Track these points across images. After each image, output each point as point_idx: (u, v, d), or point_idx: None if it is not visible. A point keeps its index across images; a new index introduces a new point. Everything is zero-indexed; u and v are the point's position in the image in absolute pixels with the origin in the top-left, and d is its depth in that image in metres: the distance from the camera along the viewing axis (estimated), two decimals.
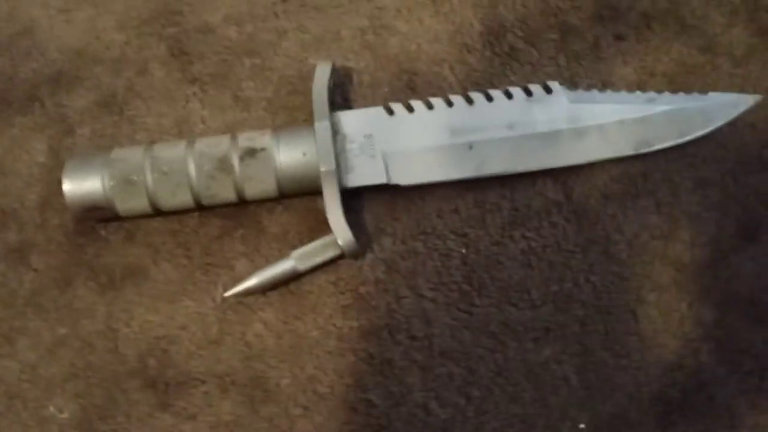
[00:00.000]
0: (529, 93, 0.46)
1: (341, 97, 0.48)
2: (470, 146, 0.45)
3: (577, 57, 0.48)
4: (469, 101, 0.46)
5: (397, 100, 0.46)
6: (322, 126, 0.44)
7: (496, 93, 0.46)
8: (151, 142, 0.45)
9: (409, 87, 0.48)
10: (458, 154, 0.45)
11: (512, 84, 0.47)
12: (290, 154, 0.44)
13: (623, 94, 0.46)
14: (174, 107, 0.48)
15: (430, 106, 0.46)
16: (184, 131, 0.48)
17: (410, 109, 0.46)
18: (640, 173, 0.46)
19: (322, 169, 0.43)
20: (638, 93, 0.46)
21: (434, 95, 0.46)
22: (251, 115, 0.48)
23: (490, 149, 0.45)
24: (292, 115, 0.48)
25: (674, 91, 0.46)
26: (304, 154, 0.44)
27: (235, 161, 0.43)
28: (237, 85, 0.48)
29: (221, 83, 0.49)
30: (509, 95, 0.46)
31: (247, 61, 0.49)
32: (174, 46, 0.49)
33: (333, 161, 0.43)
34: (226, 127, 0.48)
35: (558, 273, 0.44)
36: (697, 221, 0.45)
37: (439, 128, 0.45)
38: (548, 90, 0.46)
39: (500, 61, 0.48)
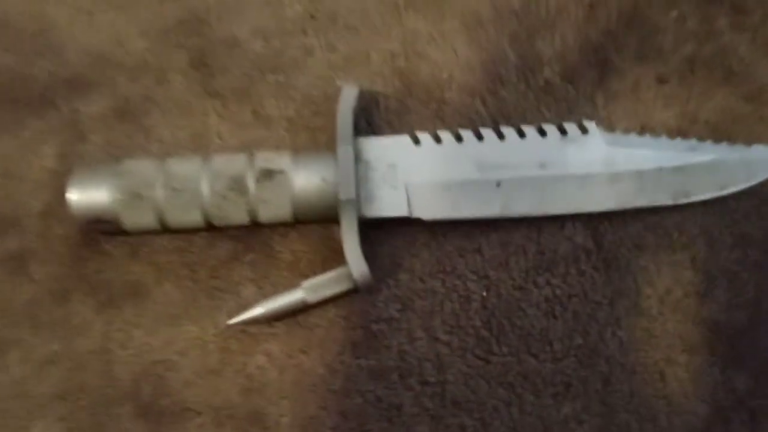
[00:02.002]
0: (563, 132, 0.43)
1: (365, 121, 0.46)
2: (498, 183, 0.43)
3: (616, 97, 0.46)
4: (500, 136, 0.43)
5: (425, 130, 0.44)
6: (344, 151, 0.42)
7: (528, 129, 0.43)
8: (165, 156, 0.43)
9: (437, 116, 0.46)
10: (485, 191, 0.43)
11: (546, 121, 0.45)
12: (309, 179, 0.42)
13: (663, 140, 0.44)
14: (191, 120, 0.46)
15: (459, 138, 0.44)
16: (200, 146, 0.46)
17: (438, 139, 0.44)
18: (676, 225, 0.43)
19: (342, 197, 0.41)
20: (679, 140, 0.44)
21: (463, 127, 0.44)
22: (271, 133, 0.46)
23: (519, 188, 0.43)
24: (314, 137, 0.46)
25: (717, 140, 0.44)
26: (324, 180, 0.41)
27: (251, 182, 0.41)
28: (258, 102, 0.46)
29: (242, 99, 0.47)
30: (543, 133, 0.43)
31: (271, 78, 0.47)
32: (196, 57, 0.47)
33: (353, 189, 0.41)
34: (244, 144, 0.45)
35: (583, 325, 0.42)
36: (735, 280, 0.42)
37: (466, 162, 0.43)
38: (584, 130, 0.43)
39: (534, 96, 0.46)
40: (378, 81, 0.47)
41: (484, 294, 0.42)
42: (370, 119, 0.46)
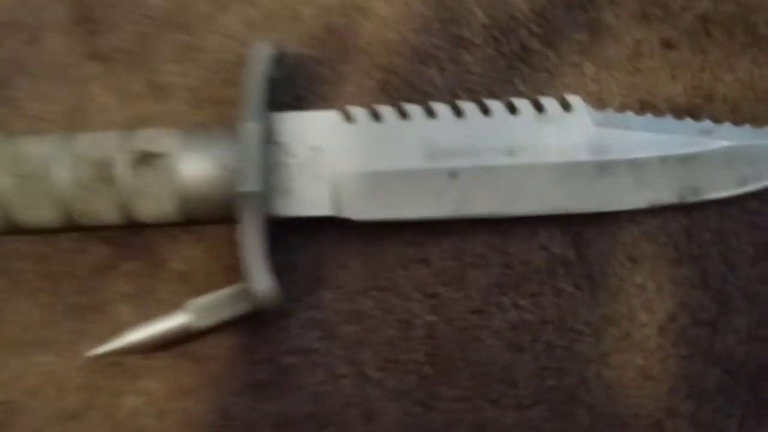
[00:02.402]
0: (540, 108, 0.33)
1: (291, 95, 0.36)
2: (453, 174, 0.33)
3: (610, 66, 0.36)
4: (458, 113, 0.34)
5: (364, 105, 0.34)
6: (249, 129, 0.32)
7: (495, 105, 0.34)
8: (24, 134, 0.33)
9: (383, 89, 0.36)
10: (436, 185, 0.33)
11: (520, 95, 0.35)
12: (200, 165, 0.32)
13: (668, 121, 0.34)
14: (69, 90, 0.36)
15: (403, 115, 0.34)
16: (78, 123, 0.35)
17: (376, 116, 0.34)
18: (683, 231, 0.33)
19: (242, 189, 0.31)
20: (689, 121, 0.34)
21: (414, 102, 0.34)
22: (168, 107, 0.36)
23: (480, 181, 0.33)
24: (222, 112, 0.36)
25: (738, 122, 0.34)
26: (222, 167, 0.32)
27: (121, 169, 0.31)
28: (155, 68, 0.36)
29: (134, 63, 0.36)
30: (513, 109, 0.33)
31: (172, 37, 0.37)
32: (78, 9, 0.37)
33: (258, 179, 0.31)
34: (133, 120, 0.35)
35: (558, 361, 0.32)
36: (758, 304, 0.33)
37: (412, 146, 0.33)
38: (567, 107, 0.34)
39: (507, 63, 0.36)
40: (308, 43, 0.37)
41: (432, 318, 0.33)
42: (297, 91, 0.36)
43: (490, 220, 0.33)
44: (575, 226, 0.33)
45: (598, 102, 0.35)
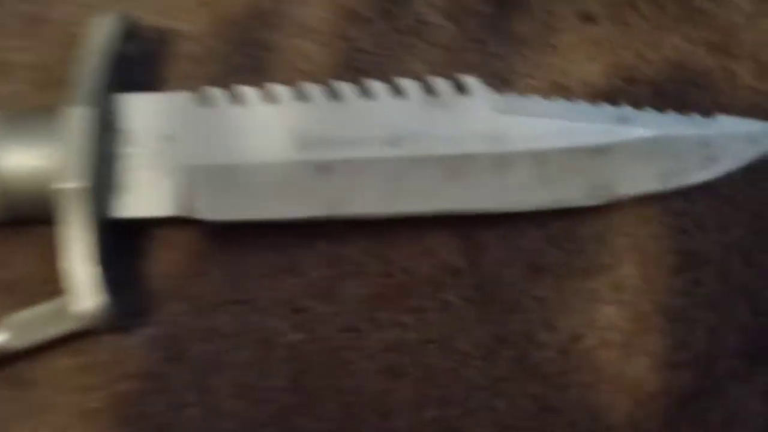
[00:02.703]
0: (430, 91, 0.29)
1: (147, 74, 0.31)
2: (326, 168, 0.28)
3: (519, 42, 0.31)
4: (335, 96, 0.29)
5: (228, 86, 0.29)
6: (76, 114, 0.27)
7: (377, 87, 0.29)
8: None
9: (257, 67, 0.31)
10: (306, 180, 0.28)
11: (410, 75, 0.30)
12: (21, 156, 0.27)
13: (581, 107, 0.29)
14: None
15: (271, 99, 0.29)
16: None
17: (239, 100, 0.29)
18: (594, 235, 0.29)
19: (61, 184, 0.26)
20: (605, 107, 0.29)
21: (290, 82, 0.29)
22: (7, 87, 0.31)
23: (357, 175, 0.28)
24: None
25: (663, 107, 0.29)
26: (42, 157, 0.27)
27: None
28: None
29: None
30: (399, 92, 0.29)
31: (12, 7, 0.32)
32: None
33: (83, 173, 0.26)
34: None
35: (442, 389, 0.27)
36: (678, 323, 0.28)
37: (280, 135, 0.28)
38: (462, 89, 0.29)
39: (399, 39, 0.31)
40: (174, 14, 0.32)
41: (299, 337, 0.28)
42: (157, 71, 0.31)
43: (369, 222, 0.28)
44: (468, 229, 0.29)
45: (504, 84, 0.30)
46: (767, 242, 0.28)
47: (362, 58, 0.31)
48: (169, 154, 0.28)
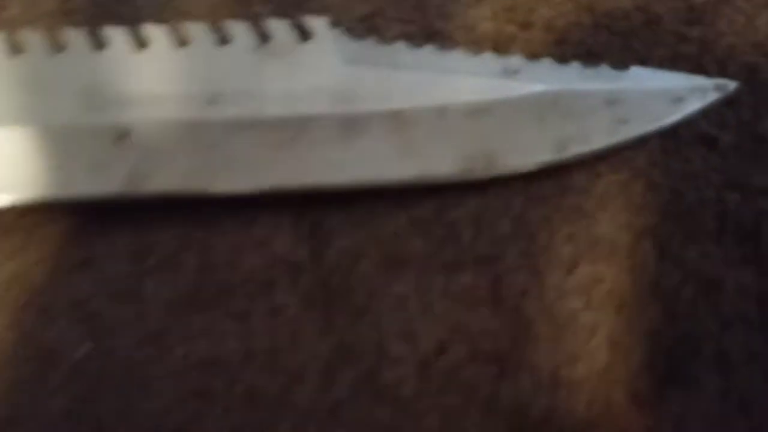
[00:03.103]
0: (265, 37, 0.23)
1: None
2: (124, 133, 0.22)
3: None
4: (142, 43, 0.22)
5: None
6: None
7: (196, 31, 0.23)
8: None
9: (64, 11, 0.25)
10: (99, 148, 0.22)
11: (243, 16, 0.24)
12: None
13: (456, 56, 0.23)
14: None
15: (59, 46, 0.22)
16: None
17: (18, 48, 0.23)
18: (469, 219, 0.23)
19: None
20: (487, 56, 0.23)
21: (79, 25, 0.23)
22: None
23: (164, 143, 0.22)
24: None
25: (562, 59, 0.23)
26: None
27: None
28: None
29: None
30: (223, 38, 0.23)
31: None
32: None
33: None
34: None
35: (266, 413, 0.21)
36: (567, 331, 0.22)
37: (68, 92, 0.22)
38: (306, 33, 0.23)
39: None
40: None
41: (84, 349, 0.22)
42: None
43: (182, 203, 0.22)
44: (309, 211, 0.23)
45: (370, 31, 0.24)
46: (687, 229, 0.22)
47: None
48: None
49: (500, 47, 0.24)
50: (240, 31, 0.23)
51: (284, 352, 0.22)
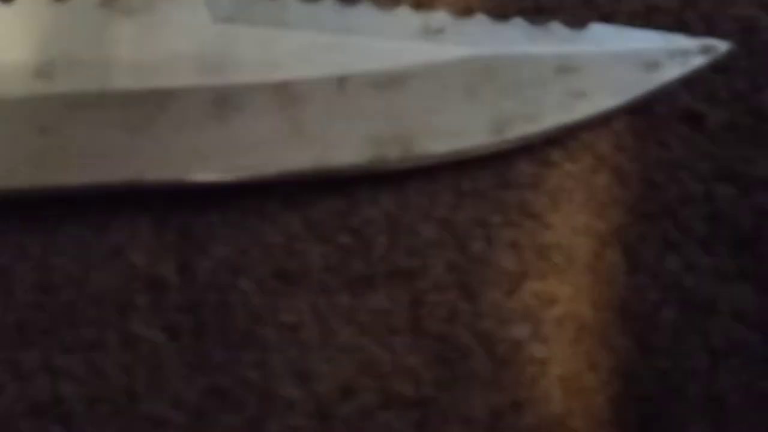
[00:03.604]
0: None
1: None
2: None
3: None
4: None
5: None
6: None
7: None
8: None
9: None
10: None
11: None
12: None
13: (365, 12, 0.18)
14: None
15: None
16: None
17: None
18: (384, 222, 0.18)
19: None
20: (406, 12, 0.18)
21: None
22: None
23: None
24: None
25: (501, 15, 0.18)
26: None
27: None
28: None
29: None
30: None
31: None
32: None
33: None
34: None
35: None
36: (532, 368, 0.17)
37: None
38: None
39: None
40: None
41: None
42: None
43: (16, 204, 0.18)
44: (177, 213, 0.18)
45: None
46: (667, 233, 0.17)
47: None
48: None
49: (423, 1, 0.19)
50: None
51: (141, 395, 0.17)
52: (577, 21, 0.18)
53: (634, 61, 0.18)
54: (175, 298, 0.17)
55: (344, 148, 0.17)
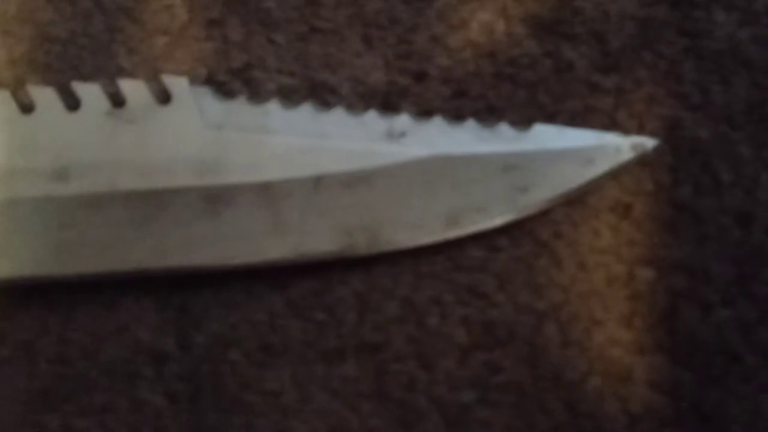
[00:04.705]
0: (118, 100, 0.20)
1: None
2: None
3: (269, 26, 0.22)
4: None
5: None
6: None
7: (43, 96, 0.20)
8: None
9: None
10: None
11: (120, 75, 0.21)
12: None
13: (338, 118, 0.20)
14: None
15: None
16: None
17: None
18: (355, 301, 0.21)
19: None
20: (373, 116, 0.21)
21: None
22: None
23: (9, 221, 0.20)
24: None
25: (459, 115, 0.21)
26: None
27: None
28: None
29: None
30: (73, 103, 0.20)
31: None
32: None
33: None
34: None
35: None
36: (466, 429, 0.20)
37: None
38: (164, 95, 0.20)
39: (105, 21, 0.23)
40: None
41: None
42: None
43: (32, 287, 0.20)
44: (176, 294, 0.20)
45: (246, 85, 0.22)
46: (594, 311, 0.20)
47: (51, 49, 0.22)
48: None
49: (391, 102, 0.21)
50: (90, 93, 0.20)
51: None
52: (524, 119, 0.21)
53: (572, 158, 0.20)
54: (175, 368, 0.20)
55: (319, 237, 0.20)
